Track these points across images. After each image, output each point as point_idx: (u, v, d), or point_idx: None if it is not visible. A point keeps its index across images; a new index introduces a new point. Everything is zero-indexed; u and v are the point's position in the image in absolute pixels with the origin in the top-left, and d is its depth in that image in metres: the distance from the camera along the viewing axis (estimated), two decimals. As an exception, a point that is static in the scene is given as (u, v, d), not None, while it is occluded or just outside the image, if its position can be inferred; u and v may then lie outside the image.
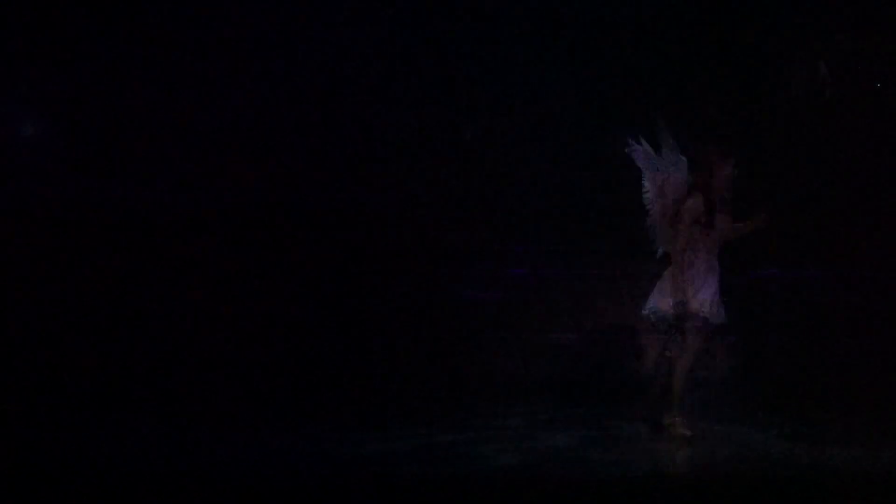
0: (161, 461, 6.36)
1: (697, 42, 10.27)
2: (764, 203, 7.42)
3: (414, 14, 10.13)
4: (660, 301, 7.05)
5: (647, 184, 7.13)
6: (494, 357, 10.03)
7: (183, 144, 10.05)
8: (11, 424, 7.49)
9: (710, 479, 6.03)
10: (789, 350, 9.77)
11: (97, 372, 8.98)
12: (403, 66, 10.33)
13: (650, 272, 7.31)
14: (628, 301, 9.06)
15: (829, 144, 10.23)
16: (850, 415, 7.99)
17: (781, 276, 10.27)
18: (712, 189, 7.00)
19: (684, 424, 7.02)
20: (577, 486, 5.71)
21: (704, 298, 6.91)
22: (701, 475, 6.26)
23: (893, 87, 10.35)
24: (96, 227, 9.74)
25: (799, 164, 10.19)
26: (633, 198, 7.21)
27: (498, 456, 6.55)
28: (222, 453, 6.65)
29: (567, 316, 10.26)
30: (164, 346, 9.38)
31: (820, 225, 9.92)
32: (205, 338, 9.45)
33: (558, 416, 8.32)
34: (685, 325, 6.96)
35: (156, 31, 9.96)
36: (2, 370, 8.60)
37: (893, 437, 6.93)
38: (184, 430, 7.43)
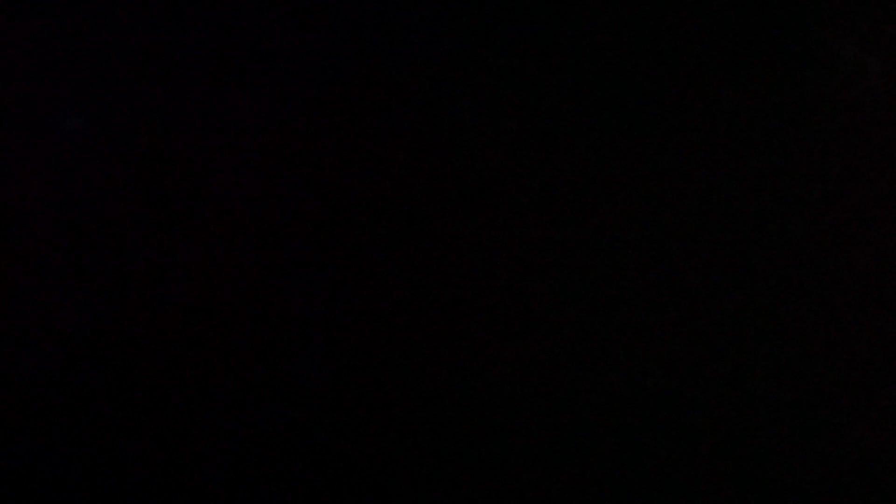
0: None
1: (732, 30, 9.83)
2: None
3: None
4: None
5: None
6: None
7: (185, 142, 9.92)
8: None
9: (710, 478, 5.68)
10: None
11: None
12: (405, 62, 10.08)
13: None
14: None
15: (879, 143, 9.71)
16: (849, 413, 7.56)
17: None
18: None
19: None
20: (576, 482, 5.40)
21: None
22: (700, 474, 5.91)
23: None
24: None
25: (845, 162, 9.70)
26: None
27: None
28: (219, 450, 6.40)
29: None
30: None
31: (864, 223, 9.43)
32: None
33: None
34: None
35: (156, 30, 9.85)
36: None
37: (893, 436, 6.51)
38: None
